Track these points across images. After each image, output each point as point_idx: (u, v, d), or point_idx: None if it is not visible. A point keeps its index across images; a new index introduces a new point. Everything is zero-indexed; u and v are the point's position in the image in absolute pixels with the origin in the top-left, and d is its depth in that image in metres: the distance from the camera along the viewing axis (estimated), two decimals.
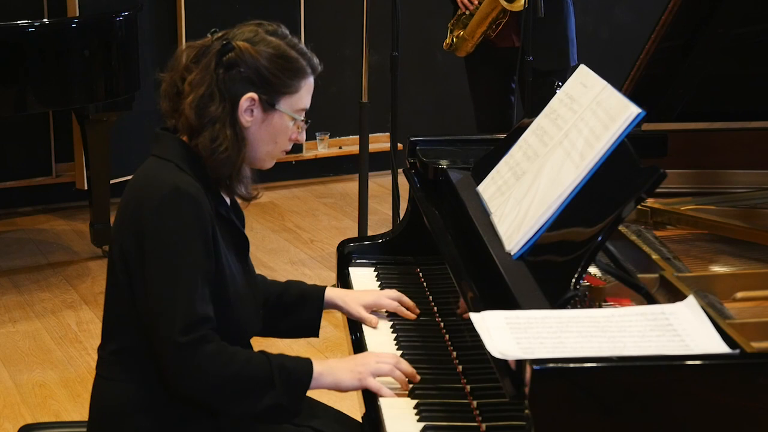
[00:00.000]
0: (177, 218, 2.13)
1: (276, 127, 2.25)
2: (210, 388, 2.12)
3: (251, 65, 2.20)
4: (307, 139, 6.32)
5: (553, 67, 4.58)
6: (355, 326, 2.49)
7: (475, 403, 2.12)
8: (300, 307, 2.47)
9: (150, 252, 2.13)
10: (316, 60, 2.30)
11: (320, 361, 2.20)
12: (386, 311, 2.51)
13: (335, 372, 2.19)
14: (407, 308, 2.49)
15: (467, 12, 4.65)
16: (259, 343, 2.32)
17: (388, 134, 4.77)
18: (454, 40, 4.74)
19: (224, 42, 2.21)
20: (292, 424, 2.29)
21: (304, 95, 2.28)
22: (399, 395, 2.18)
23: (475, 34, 4.65)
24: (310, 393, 2.19)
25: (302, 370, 2.16)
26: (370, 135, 4.70)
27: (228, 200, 2.29)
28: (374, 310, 2.49)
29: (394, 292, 2.51)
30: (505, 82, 4.76)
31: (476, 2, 4.60)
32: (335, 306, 2.50)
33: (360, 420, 2.27)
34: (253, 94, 2.20)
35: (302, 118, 2.29)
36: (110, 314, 2.28)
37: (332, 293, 2.51)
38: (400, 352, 2.35)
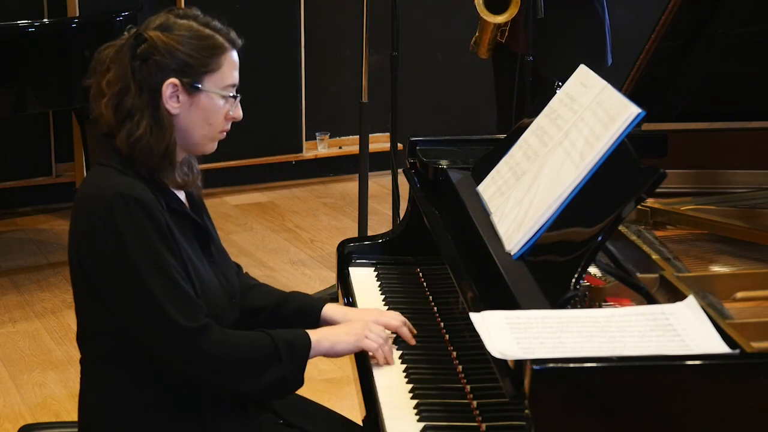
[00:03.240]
0: (129, 222, 2.11)
1: (206, 108, 2.22)
2: (220, 371, 2.15)
3: (165, 52, 2.18)
4: (307, 139, 6.32)
5: (562, 75, 4.55)
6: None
7: (475, 403, 2.12)
8: (295, 321, 2.39)
9: (114, 260, 2.12)
10: (233, 34, 2.26)
11: (313, 330, 2.26)
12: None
13: (330, 337, 2.26)
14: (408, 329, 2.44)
15: None
16: None
17: (388, 134, 4.77)
18: (475, 42, 4.75)
19: (136, 35, 2.20)
20: (285, 426, 2.29)
21: (228, 71, 2.23)
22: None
23: (483, 39, 4.65)
24: (310, 394, 2.19)
25: (301, 340, 2.21)
26: (370, 135, 4.70)
27: (182, 194, 2.28)
28: None
29: (398, 317, 2.42)
30: (520, 86, 4.74)
31: None
32: (336, 323, 2.40)
33: (359, 423, 2.27)
34: (174, 80, 2.18)
35: (232, 94, 2.24)
36: (83, 326, 2.27)
37: (333, 311, 2.42)
38: (400, 352, 2.35)
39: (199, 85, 2.20)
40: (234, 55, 2.24)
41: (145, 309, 2.12)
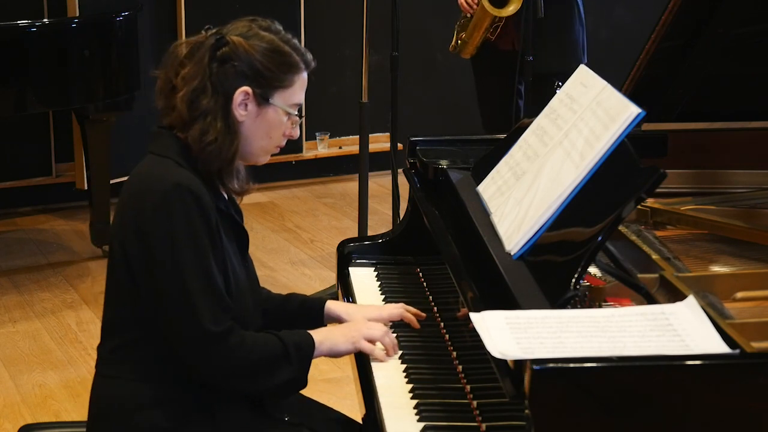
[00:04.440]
0: (182, 214, 2.14)
1: (270, 122, 2.25)
2: (238, 373, 2.18)
3: (245, 59, 2.21)
4: (307, 139, 6.32)
5: (561, 68, 4.57)
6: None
7: (475, 403, 2.12)
8: (299, 318, 2.45)
9: (159, 250, 2.14)
10: (309, 56, 2.31)
11: (315, 330, 2.29)
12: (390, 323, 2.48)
13: (330, 338, 2.30)
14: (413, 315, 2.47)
15: (468, 15, 4.65)
16: None
17: (388, 134, 4.77)
18: (459, 42, 4.75)
19: (218, 37, 2.22)
20: (290, 424, 2.30)
21: (298, 90, 2.29)
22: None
23: (473, 37, 4.65)
24: (310, 393, 2.20)
25: (306, 341, 2.25)
26: (370, 135, 4.70)
27: (226, 195, 2.30)
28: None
29: (397, 306, 2.48)
30: (509, 85, 4.76)
31: (475, 6, 4.60)
32: (338, 319, 2.46)
33: (359, 421, 2.27)
34: (247, 88, 2.21)
35: (296, 113, 2.29)
36: (111, 313, 2.28)
37: (335, 307, 2.48)
38: (401, 351, 2.35)
39: (270, 99, 2.23)
40: (305, 76, 2.30)
41: (177, 305, 2.14)
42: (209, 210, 2.16)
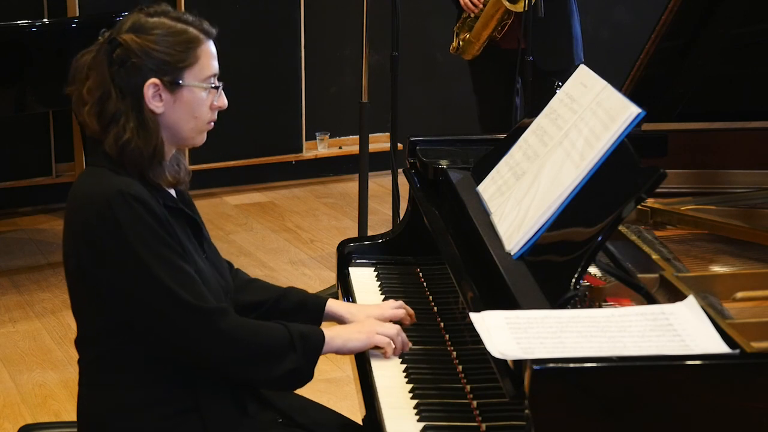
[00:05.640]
0: (128, 218, 2.11)
1: (190, 103, 2.21)
2: (238, 354, 2.16)
3: (141, 53, 2.17)
4: (307, 139, 6.32)
5: (557, 67, 4.57)
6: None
7: (475, 403, 2.12)
8: (296, 314, 2.42)
9: (115, 255, 2.12)
10: (206, 24, 2.25)
11: (327, 327, 2.28)
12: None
13: (343, 334, 2.29)
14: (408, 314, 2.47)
15: (472, 15, 4.65)
16: None
17: (388, 134, 4.77)
18: (461, 43, 4.73)
19: (110, 40, 2.19)
20: (286, 425, 2.30)
21: (206, 62, 2.22)
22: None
23: (480, 36, 4.64)
24: (310, 393, 2.20)
25: (316, 335, 2.23)
26: (370, 135, 4.70)
27: (173, 192, 2.28)
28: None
29: (397, 303, 2.46)
30: (509, 84, 4.76)
31: (480, 5, 4.59)
32: (339, 318, 2.44)
33: (359, 422, 2.27)
34: (154, 80, 2.17)
35: (214, 84, 2.23)
36: (81, 327, 2.27)
37: (336, 306, 2.46)
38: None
39: (180, 81, 2.19)
40: (210, 45, 2.23)
41: (159, 298, 2.12)
42: (155, 209, 2.14)
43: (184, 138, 2.25)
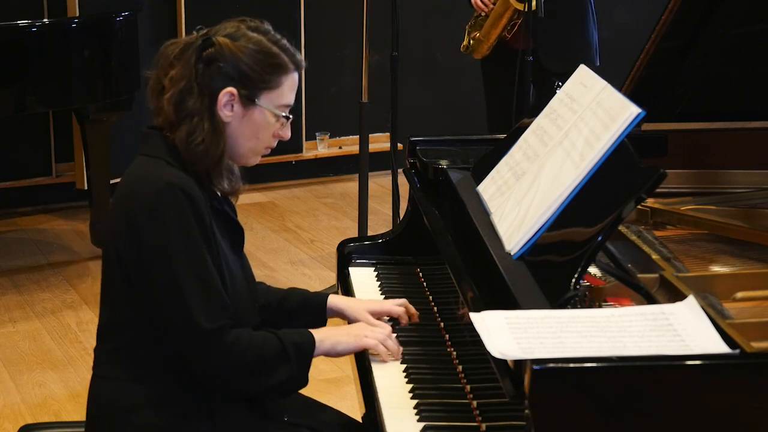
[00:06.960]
0: (174, 213, 2.14)
1: (257, 123, 2.25)
2: (236, 371, 2.18)
3: (230, 61, 2.20)
4: (307, 139, 6.32)
5: (568, 69, 4.56)
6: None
7: (475, 403, 2.12)
8: (301, 313, 2.45)
9: (153, 250, 2.14)
10: (299, 56, 2.29)
11: (316, 330, 2.29)
12: (388, 317, 2.49)
13: (332, 337, 2.29)
14: (410, 315, 2.48)
15: (483, 14, 4.64)
16: None
17: (388, 134, 4.77)
18: (471, 42, 4.73)
19: (205, 38, 2.22)
20: (290, 424, 2.30)
21: (287, 91, 2.26)
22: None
23: (490, 35, 4.63)
24: (310, 393, 2.20)
25: (307, 340, 2.24)
26: (370, 135, 4.70)
27: (219, 193, 2.30)
28: (380, 318, 2.48)
29: (400, 300, 2.49)
30: (519, 84, 4.75)
31: (490, 4, 4.58)
32: (340, 312, 2.47)
33: (359, 420, 2.27)
34: (231, 89, 2.20)
35: (284, 114, 2.27)
36: (107, 314, 2.28)
37: (336, 300, 2.48)
38: (401, 350, 2.35)
39: (256, 100, 2.23)
40: (295, 76, 2.27)
41: (172, 305, 2.14)
42: (202, 208, 2.16)
43: (240, 154, 2.28)
